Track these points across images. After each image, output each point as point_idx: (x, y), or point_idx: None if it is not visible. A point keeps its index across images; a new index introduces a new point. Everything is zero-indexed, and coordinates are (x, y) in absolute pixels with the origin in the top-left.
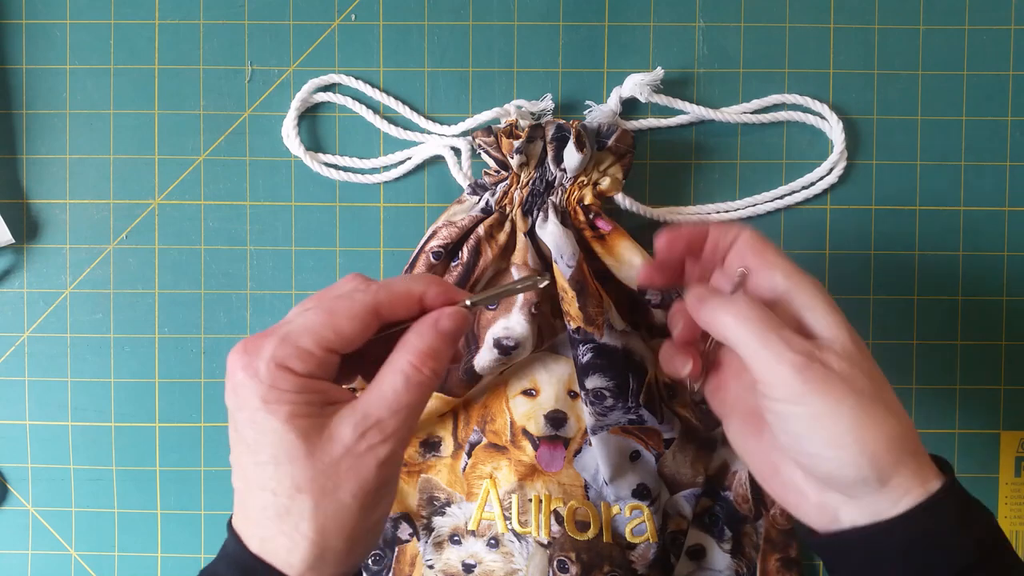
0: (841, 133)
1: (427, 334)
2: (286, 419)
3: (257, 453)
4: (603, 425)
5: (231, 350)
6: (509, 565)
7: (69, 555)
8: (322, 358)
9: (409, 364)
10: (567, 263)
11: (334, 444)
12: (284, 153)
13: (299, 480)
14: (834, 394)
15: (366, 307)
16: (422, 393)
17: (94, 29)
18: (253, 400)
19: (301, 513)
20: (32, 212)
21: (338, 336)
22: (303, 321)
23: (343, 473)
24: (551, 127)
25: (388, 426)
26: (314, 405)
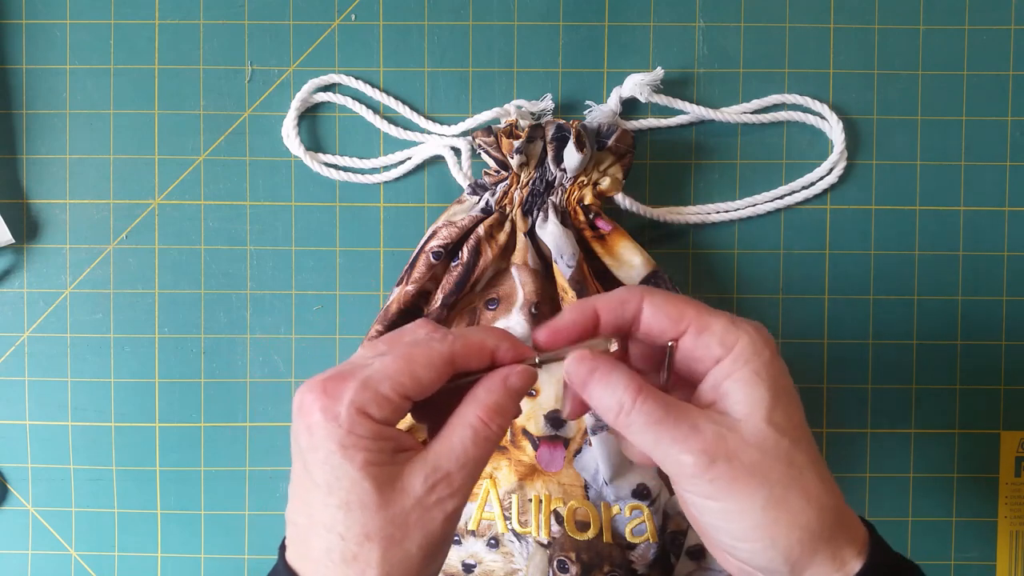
0: (841, 133)
1: (496, 390)
2: (362, 466)
3: (329, 496)
4: (603, 425)
5: (305, 387)
6: (509, 565)
7: (69, 555)
8: (399, 405)
9: (478, 419)
10: (567, 263)
11: (405, 495)
12: (284, 153)
13: (369, 528)
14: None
15: (443, 357)
16: (488, 449)
17: (94, 29)
18: (330, 444)
19: (368, 561)
20: (32, 212)
21: (415, 384)
22: (381, 367)
23: (411, 524)
24: (551, 127)
25: (456, 480)
26: (387, 452)
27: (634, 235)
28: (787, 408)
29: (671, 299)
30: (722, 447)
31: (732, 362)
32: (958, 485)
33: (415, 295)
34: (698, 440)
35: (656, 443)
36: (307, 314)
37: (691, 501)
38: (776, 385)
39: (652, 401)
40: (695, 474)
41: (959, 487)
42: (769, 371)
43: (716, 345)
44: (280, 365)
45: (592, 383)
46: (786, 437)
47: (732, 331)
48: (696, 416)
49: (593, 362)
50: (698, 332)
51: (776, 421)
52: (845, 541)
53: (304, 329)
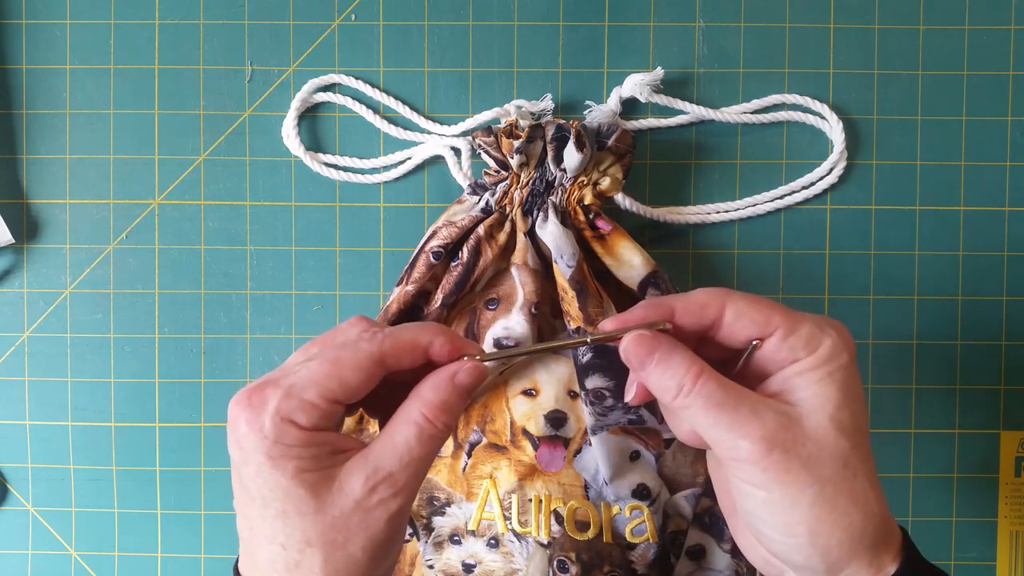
0: (841, 133)
1: (443, 388)
2: (293, 474)
3: (265, 507)
4: (603, 425)
5: (233, 399)
6: (509, 565)
7: (69, 555)
8: (327, 410)
9: (423, 417)
10: (567, 263)
11: (344, 497)
12: (284, 153)
13: (309, 534)
14: (794, 484)
15: (371, 357)
16: (434, 447)
17: (94, 29)
18: (258, 456)
19: (311, 567)
20: (32, 212)
21: (343, 388)
22: (307, 373)
23: (353, 527)
24: (551, 127)
25: (399, 480)
26: (322, 457)
27: (634, 235)
28: (853, 411)
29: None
30: (780, 437)
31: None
32: (958, 485)
33: (415, 295)
34: (757, 426)
35: (714, 426)
36: (307, 314)
37: (738, 487)
38: (847, 387)
39: (713, 383)
40: (750, 460)
41: (959, 487)
42: (843, 373)
43: (801, 348)
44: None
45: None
46: (846, 438)
47: (817, 335)
48: (757, 403)
49: (653, 342)
50: (785, 335)
51: (840, 421)
52: (884, 548)
53: (304, 329)
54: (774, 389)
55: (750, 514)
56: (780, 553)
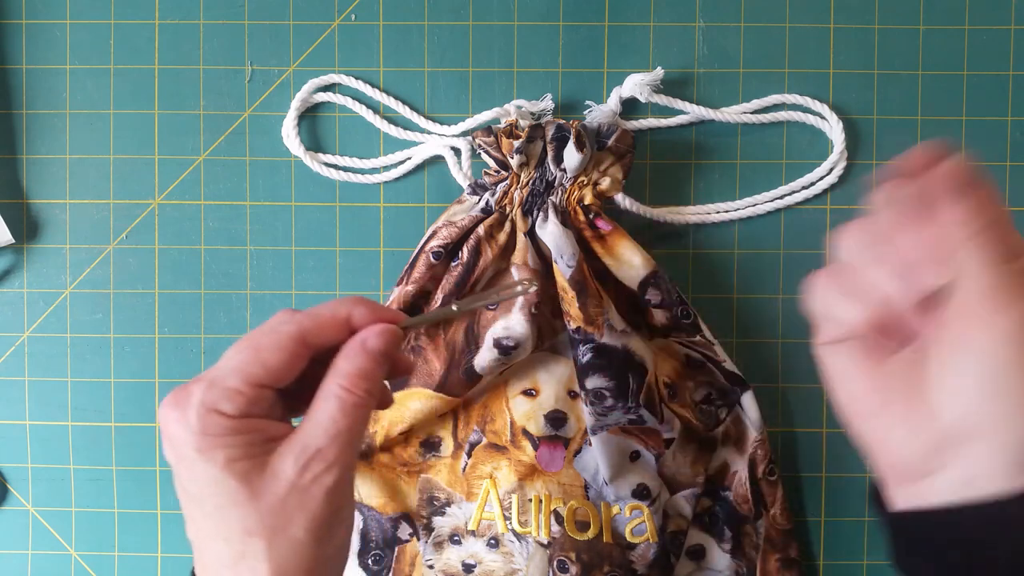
0: (841, 133)
1: (355, 356)
2: (224, 465)
3: (203, 503)
4: (603, 425)
5: (161, 403)
6: (509, 565)
7: (69, 555)
8: (252, 395)
9: (341, 388)
10: (567, 263)
11: (278, 481)
12: (284, 153)
13: (248, 523)
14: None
15: (291, 337)
16: (359, 415)
17: (94, 29)
18: (188, 451)
19: (256, 555)
20: (32, 212)
21: (265, 370)
22: (228, 363)
23: (292, 509)
24: (551, 127)
25: (329, 454)
26: (252, 445)
27: (634, 235)
28: None
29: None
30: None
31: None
32: None
33: (415, 295)
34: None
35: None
36: None
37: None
38: None
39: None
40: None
41: None
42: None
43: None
44: None
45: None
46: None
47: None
48: None
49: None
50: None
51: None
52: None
53: None
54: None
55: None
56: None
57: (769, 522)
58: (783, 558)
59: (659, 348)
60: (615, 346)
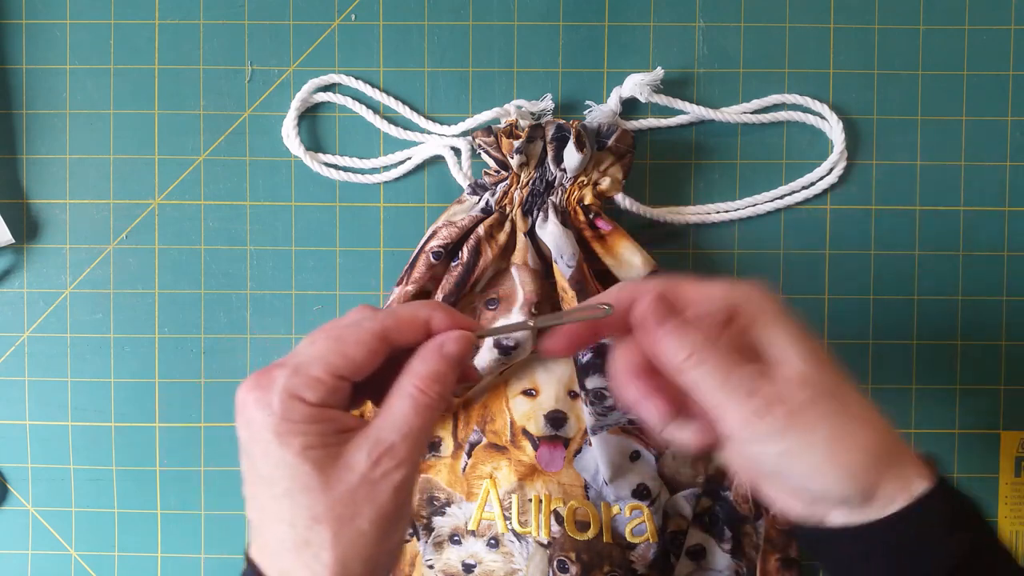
0: (841, 133)
1: (431, 358)
2: (300, 451)
3: (273, 486)
4: (603, 425)
5: (242, 384)
6: (509, 565)
7: (69, 555)
8: (333, 385)
9: (415, 388)
10: (567, 263)
11: (350, 472)
12: (284, 153)
13: (316, 511)
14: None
15: (373, 333)
16: (430, 416)
17: (94, 29)
18: (266, 434)
19: (321, 544)
20: (32, 212)
21: (347, 362)
22: (312, 351)
23: (360, 501)
24: (551, 127)
25: (400, 451)
26: (327, 435)
27: (634, 235)
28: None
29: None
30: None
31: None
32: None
33: (415, 295)
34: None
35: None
36: (307, 314)
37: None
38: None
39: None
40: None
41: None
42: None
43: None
44: None
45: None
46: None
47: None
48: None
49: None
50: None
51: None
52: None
53: (304, 329)
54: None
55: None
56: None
57: (769, 522)
58: (783, 558)
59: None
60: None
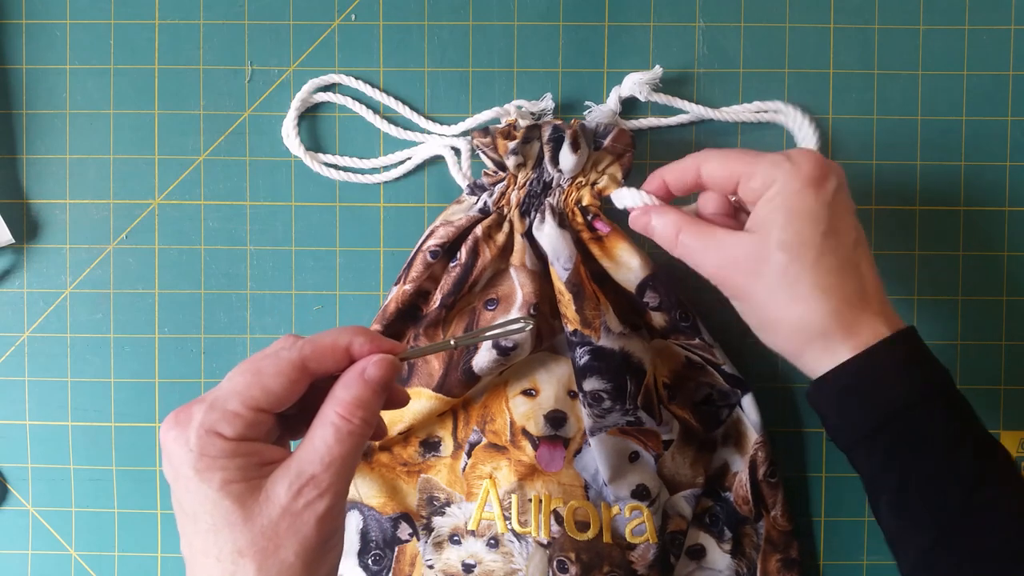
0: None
1: (353, 384)
2: (220, 486)
3: (197, 521)
4: (601, 426)
5: (163, 423)
6: (509, 565)
7: (69, 555)
8: (251, 419)
9: (338, 416)
10: (563, 266)
11: (271, 505)
12: (284, 153)
13: (240, 544)
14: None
15: (291, 363)
16: (354, 443)
17: (94, 29)
18: (187, 470)
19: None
20: (32, 212)
21: (265, 394)
22: (230, 385)
23: (283, 533)
24: (547, 128)
25: (323, 481)
26: (248, 468)
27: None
28: (798, 228)
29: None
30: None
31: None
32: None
33: (413, 294)
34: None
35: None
36: (307, 314)
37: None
38: (791, 209)
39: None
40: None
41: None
42: (789, 199)
43: (759, 186)
44: None
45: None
46: (785, 252)
47: (771, 171)
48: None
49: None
50: (747, 180)
51: (782, 240)
52: (841, 337)
53: (304, 329)
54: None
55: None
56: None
57: (770, 523)
58: (784, 558)
59: (659, 349)
60: (612, 349)
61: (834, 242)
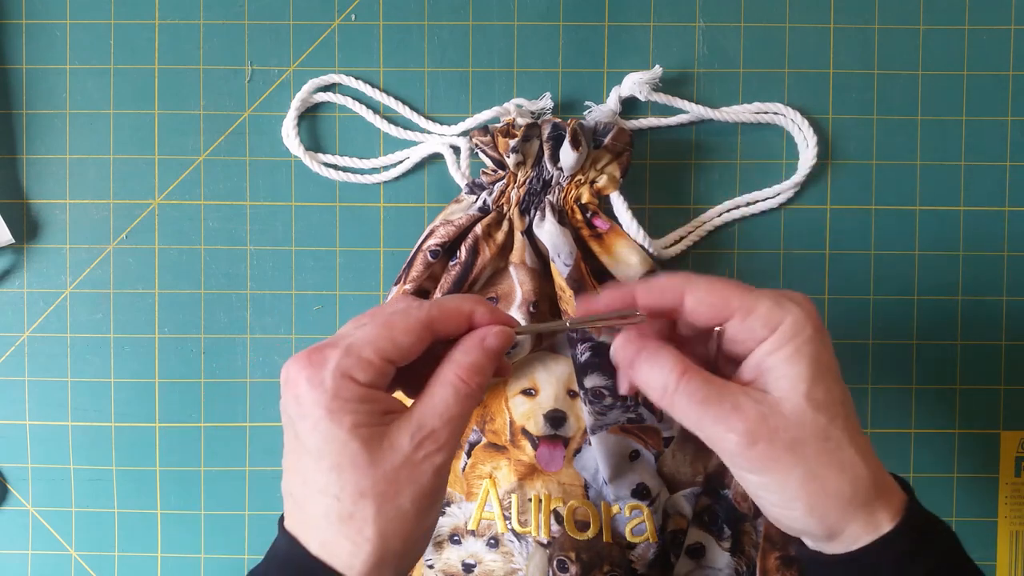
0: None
1: (473, 350)
2: (350, 428)
3: (320, 460)
4: (602, 424)
5: (291, 361)
6: (509, 565)
7: (69, 555)
8: (381, 368)
9: (457, 377)
10: (564, 262)
11: (394, 453)
12: (284, 153)
13: (363, 486)
14: (781, 467)
15: (421, 322)
16: (469, 405)
17: (94, 29)
18: (317, 410)
19: (364, 518)
20: (32, 212)
21: (396, 348)
22: (363, 334)
23: (403, 480)
24: (547, 126)
25: (441, 436)
26: (375, 414)
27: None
28: (827, 384)
29: (714, 288)
30: (763, 427)
31: (775, 341)
32: (958, 485)
33: (413, 294)
34: (740, 420)
35: (700, 421)
36: (307, 314)
37: (737, 473)
38: (817, 361)
39: (696, 381)
40: (737, 452)
41: (959, 487)
42: (810, 348)
43: (761, 327)
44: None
45: (639, 363)
46: (823, 413)
47: (777, 312)
48: (738, 395)
49: (639, 343)
50: (743, 317)
51: (815, 397)
52: (881, 505)
53: (304, 329)
54: (749, 374)
55: (754, 494)
56: (784, 524)
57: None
58: (783, 556)
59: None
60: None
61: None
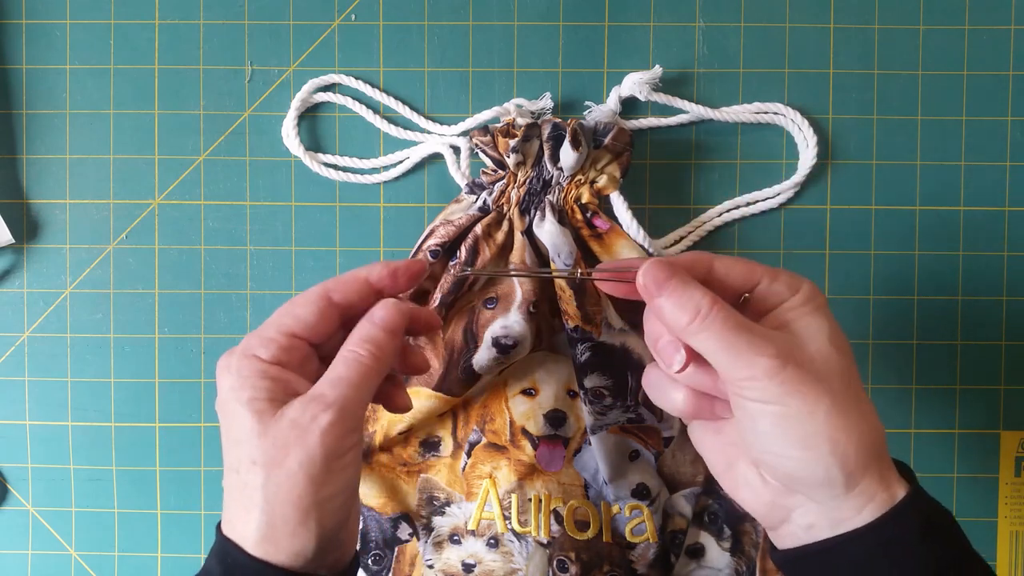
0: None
1: (364, 324)
2: (247, 402)
3: (227, 437)
4: (602, 424)
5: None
6: (509, 565)
7: (69, 555)
8: (285, 343)
9: (348, 350)
10: (564, 261)
11: (284, 420)
12: (284, 153)
13: (254, 455)
14: (810, 394)
15: (317, 292)
16: (359, 371)
17: (94, 29)
18: (227, 393)
19: (254, 485)
20: (32, 212)
21: (295, 320)
22: (269, 318)
23: (290, 444)
24: (547, 126)
25: (328, 397)
26: (276, 391)
27: None
28: (844, 339)
29: (738, 259)
30: (794, 354)
31: (798, 300)
32: (958, 485)
33: (412, 294)
34: (771, 346)
35: (730, 347)
36: None
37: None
38: (832, 321)
39: (728, 308)
40: (768, 375)
41: (959, 487)
42: (826, 310)
43: (785, 289)
44: None
45: (670, 287)
46: (846, 358)
47: (796, 280)
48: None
49: (670, 268)
50: (770, 281)
51: (838, 344)
52: (889, 465)
53: None
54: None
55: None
56: (797, 471)
57: None
58: None
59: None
60: (613, 344)
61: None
